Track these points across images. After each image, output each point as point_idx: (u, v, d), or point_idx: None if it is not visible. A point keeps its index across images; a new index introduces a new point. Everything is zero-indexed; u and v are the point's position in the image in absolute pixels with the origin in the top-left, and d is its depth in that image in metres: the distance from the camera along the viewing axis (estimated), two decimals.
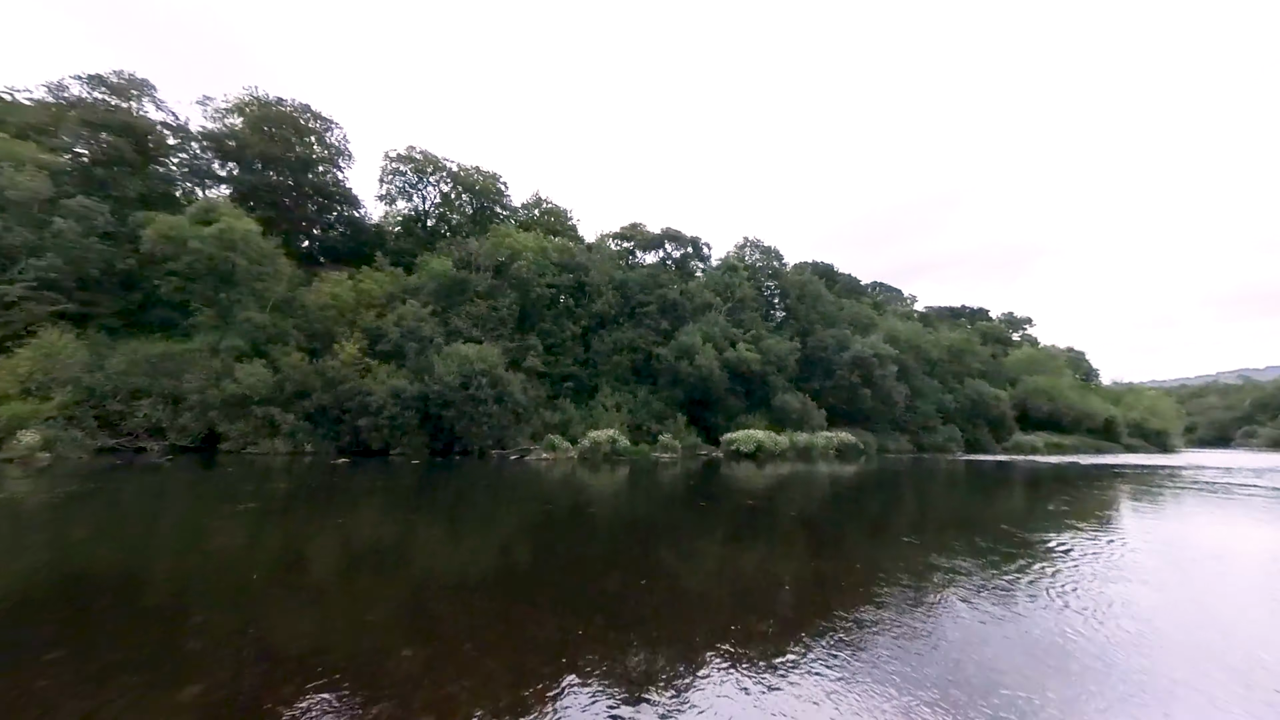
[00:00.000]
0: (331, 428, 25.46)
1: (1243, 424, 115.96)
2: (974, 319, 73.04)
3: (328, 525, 7.71)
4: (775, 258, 52.30)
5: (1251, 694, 2.37)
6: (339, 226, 41.34)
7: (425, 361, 27.99)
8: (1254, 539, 7.73)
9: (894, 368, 43.08)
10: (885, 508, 9.61)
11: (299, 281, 31.91)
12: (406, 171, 43.81)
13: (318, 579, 4.86)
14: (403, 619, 3.64)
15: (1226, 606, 4.08)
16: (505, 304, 32.98)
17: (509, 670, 2.85)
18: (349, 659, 2.91)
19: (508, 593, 4.41)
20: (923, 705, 2.40)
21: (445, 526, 7.51)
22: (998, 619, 3.41)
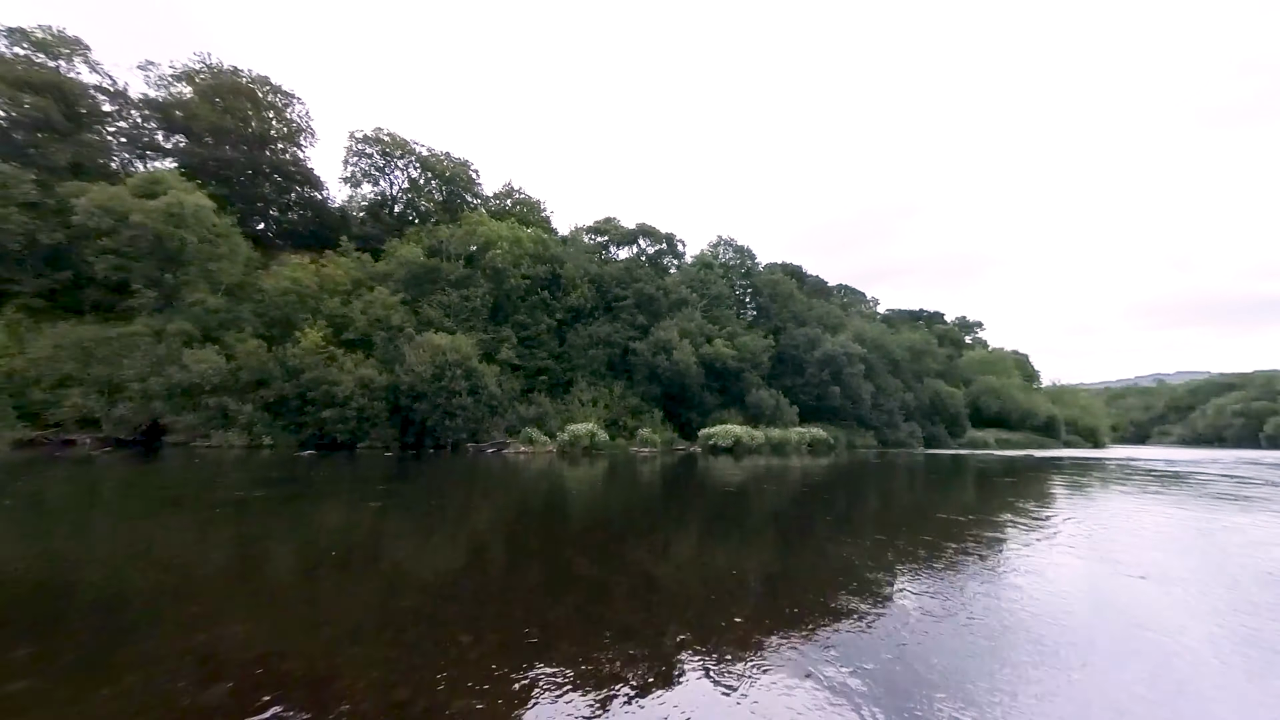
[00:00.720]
0: (293, 419, 23.96)
1: (1158, 423, 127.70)
2: (931, 322, 76.64)
3: (292, 521, 6.98)
4: (748, 257, 53.16)
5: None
6: (299, 208, 39.03)
7: (395, 351, 26.81)
8: (1177, 519, 8.36)
9: (861, 366, 44.62)
10: (859, 499, 9.86)
11: (255, 264, 29.90)
12: (373, 154, 41.80)
13: (274, 580, 4.31)
14: (365, 620, 3.30)
15: (1148, 587, 4.36)
16: (479, 294, 32.01)
17: (475, 670, 2.66)
18: (303, 664, 2.63)
19: (481, 589, 4.09)
20: (886, 685, 2.42)
21: (421, 520, 6.92)
22: (949, 611, 3.48)
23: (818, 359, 43.50)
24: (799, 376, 43.26)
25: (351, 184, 41.60)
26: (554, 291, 36.90)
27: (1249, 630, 3.41)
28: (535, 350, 33.46)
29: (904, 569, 4.52)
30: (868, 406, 45.53)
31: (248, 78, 36.47)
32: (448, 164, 45.77)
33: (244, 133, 36.00)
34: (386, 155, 42.53)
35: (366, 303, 28.74)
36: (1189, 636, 3.26)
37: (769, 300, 49.64)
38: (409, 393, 24.64)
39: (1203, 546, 6.14)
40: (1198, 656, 3.01)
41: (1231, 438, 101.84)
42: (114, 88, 32.61)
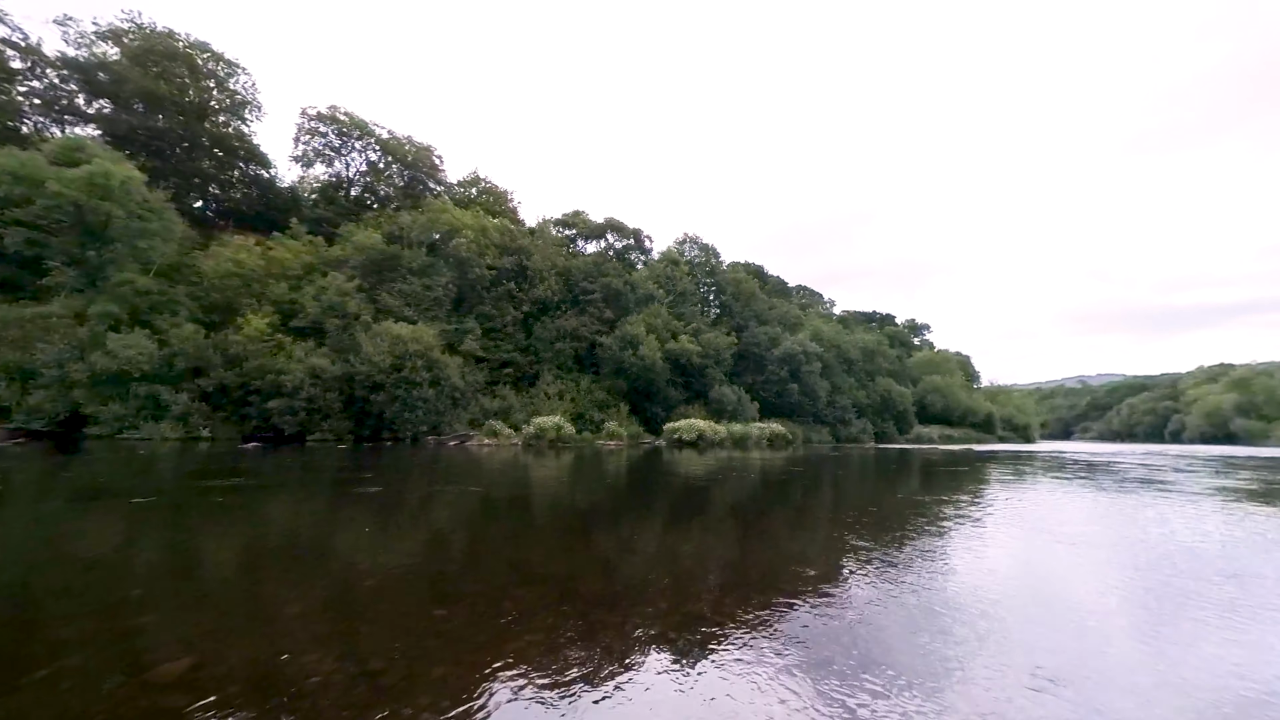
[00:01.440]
0: (235, 410, 22.51)
1: (1080, 420, 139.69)
2: (883, 324, 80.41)
3: (237, 515, 6.33)
4: (713, 255, 53.98)
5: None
6: (243, 186, 36.49)
7: (350, 340, 25.63)
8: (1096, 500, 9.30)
9: (818, 365, 46.31)
10: (816, 491, 10.34)
11: (192, 244, 27.80)
12: (328, 133, 39.65)
13: (212, 583, 3.88)
14: (312, 622, 3.05)
15: (1064, 569, 4.87)
16: (442, 283, 31.03)
17: (435, 660, 2.57)
18: (242, 671, 2.42)
19: (439, 584, 3.90)
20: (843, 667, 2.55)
21: (381, 514, 6.51)
22: (897, 592, 3.69)
23: (778, 357, 44.82)
24: (760, 374, 44.43)
25: (303, 164, 39.34)
26: (520, 283, 36.25)
27: (1154, 585, 3.85)
28: (501, 342, 32.80)
29: (855, 555, 4.70)
30: (824, 403, 47.35)
31: (185, 42, 33.72)
32: (410, 148, 44.03)
33: (180, 101, 33.28)
34: (343, 136, 40.45)
35: (319, 289, 27.29)
36: (1105, 591, 3.67)
37: (732, 299, 50.63)
38: (365, 383, 23.62)
39: (1118, 521, 6.83)
40: (1112, 610, 3.38)
41: (1141, 433, 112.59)
42: (25, 43, 29.40)
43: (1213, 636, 2.92)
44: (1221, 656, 2.63)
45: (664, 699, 2.29)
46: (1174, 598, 3.57)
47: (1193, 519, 7.01)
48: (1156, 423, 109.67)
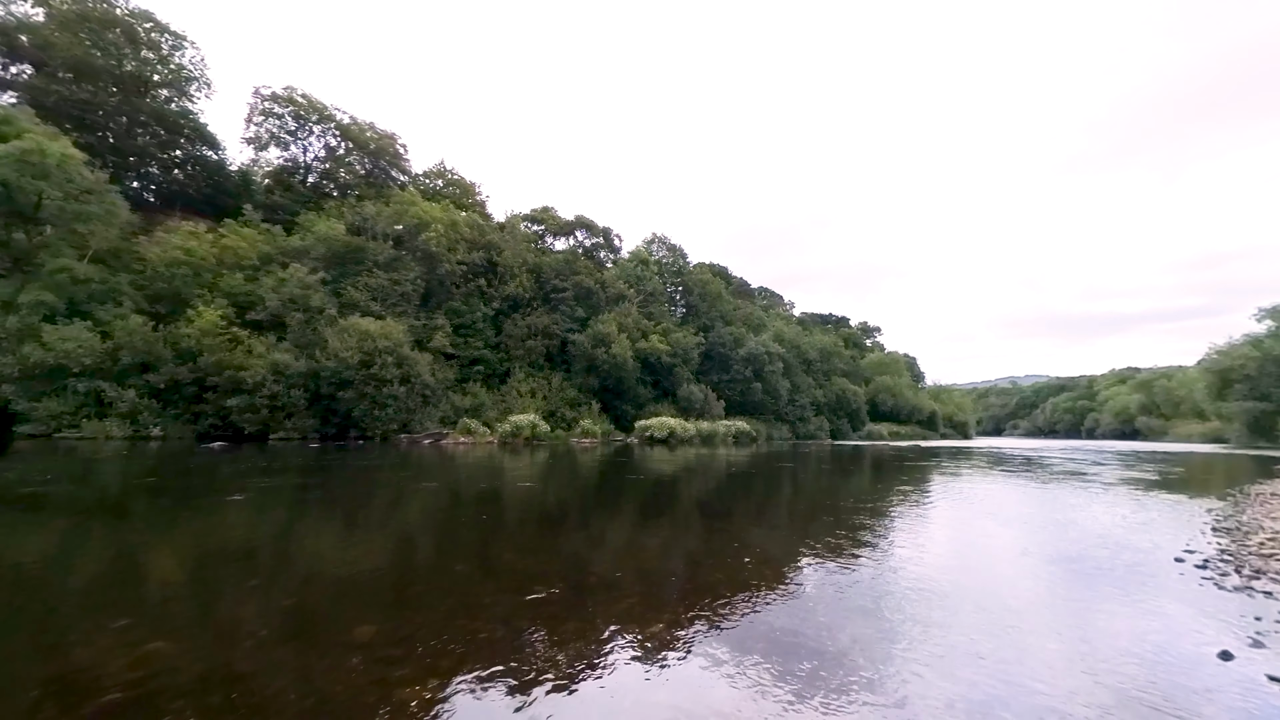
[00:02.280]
0: (187, 407, 21.33)
1: (1010, 418, 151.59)
2: (839, 326, 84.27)
3: (195, 523, 5.66)
4: (680, 256, 55.03)
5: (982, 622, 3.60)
6: (188, 167, 34.12)
7: (314, 335, 24.73)
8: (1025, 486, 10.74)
9: (780, 365, 48.27)
10: (779, 486, 11.17)
11: (133, 229, 25.91)
12: (284, 115, 37.61)
13: (157, 591, 3.59)
14: (269, 629, 2.88)
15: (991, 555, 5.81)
16: (410, 278, 30.31)
17: (397, 656, 2.50)
18: (189, 685, 2.25)
19: (406, 585, 3.74)
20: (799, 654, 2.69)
21: (356, 514, 6.31)
22: (848, 582, 3.93)
23: (742, 357, 46.39)
24: (725, 373, 45.83)
25: (256, 146, 37.17)
26: (490, 279, 35.87)
27: (1075, 557, 4.79)
28: (470, 339, 32.40)
29: (810, 547, 5.07)
30: (785, 402, 49.43)
31: (123, 9, 31.16)
32: (372, 135, 42.43)
33: (116, 73, 30.75)
34: (300, 119, 38.48)
35: (279, 280, 26.10)
36: (1037, 568, 4.56)
37: (699, 299, 51.84)
38: (332, 380, 22.91)
39: (1050, 506, 8.03)
40: (1041, 585, 4.25)
41: (1062, 430, 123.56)
42: None
43: (1118, 603, 3.81)
44: (1127, 620, 3.50)
45: (630, 690, 2.28)
46: (1088, 570, 4.51)
47: (1110, 504, 8.32)
48: (1075, 420, 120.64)
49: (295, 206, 34.86)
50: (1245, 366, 43.75)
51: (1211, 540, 5.59)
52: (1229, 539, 5.62)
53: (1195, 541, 5.51)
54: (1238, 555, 4.87)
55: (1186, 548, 5.23)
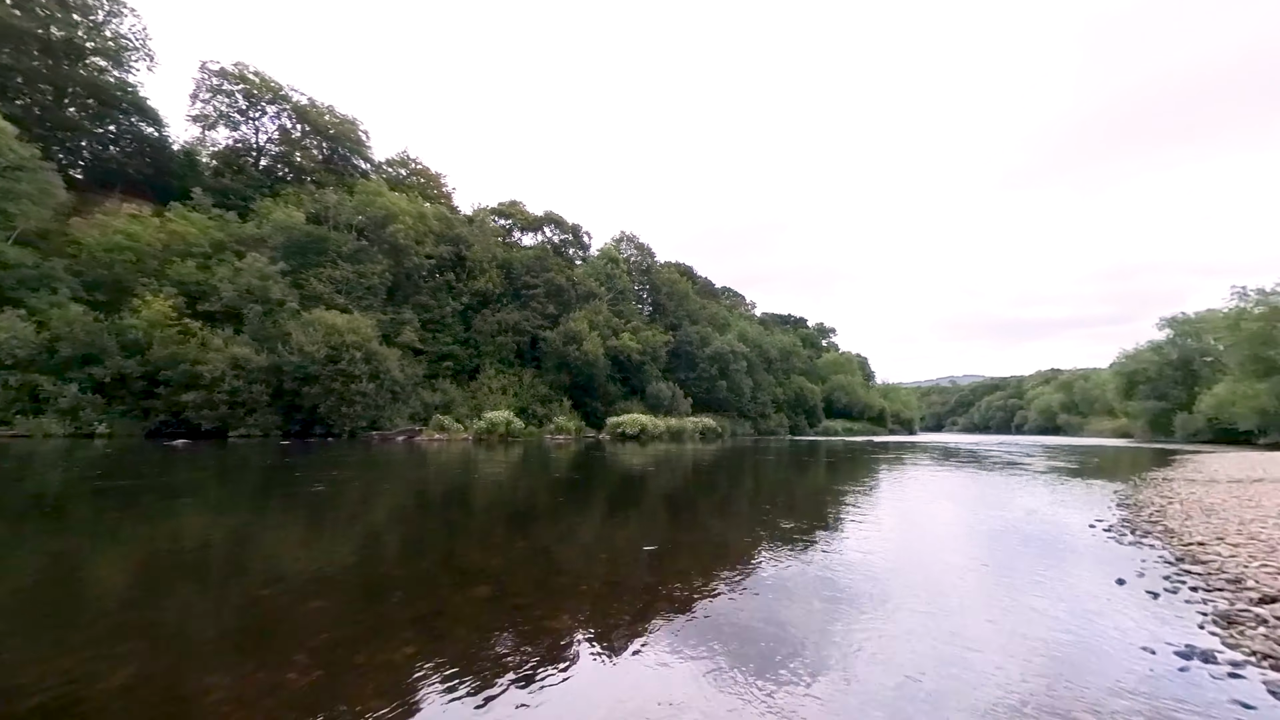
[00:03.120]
0: (136, 403, 20.10)
1: (950, 415, 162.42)
2: (797, 327, 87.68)
3: (163, 531, 5.18)
4: (648, 255, 55.80)
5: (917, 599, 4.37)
6: (126, 143, 31.61)
7: (275, 328, 23.77)
8: (965, 474, 12.20)
9: (744, 364, 50.02)
10: (744, 479, 11.98)
11: (65, 210, 23.95)
12: (234, 93, 35.44)
13: (116, 594, 3.41)
14: (223, 635, 2.74)
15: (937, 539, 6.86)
16: (377, 271, 29.48)
17: (357, 656, 2.44)
18: (113, 699, 2.09)
19: (375, 585, 3.59)
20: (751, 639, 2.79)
21: (335, 514, 6.15)
22: (802, 571, 4.08)
23: (708, 355, 47.78)
24: (691, 371, 47.06)
25: (203, 125, 34.85)
26: (459, 274, 35.32)
27: (1006, 527, 5.82)
28: (439, 334, 31.87)
29: (770, 535, 5.35)
30: (748, 399, 51.29)
31: None
32: (331, 119, 40.60)
33: (41, 38, 28.09)
34: (252, 98, 36.36)
35: (235, 270, 24.83)
36: (973, 533, 5.53)
37: (666, 298, 52.81)
38: (296, 376, 22.15)
39: (990, 490, 9.27)
40: (979, 560, 5.21)
41: (994, 426, 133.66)
42: None
43: (1046, 556, 4.78)
44: (1053, 567, 4.45)
45: (594, 684, 2.28)
46: (1023, 534, 5.52)
47: (1038, 488, 9.68)
48: (1006, 417, 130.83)
49: (248, 191, 33.04)
50: (1148, 370, 49.24)
51: (1115, 513, 6.84)
52: (1128, 512, 6.89)
53: (1103, 514, 6.73)
54: (1133, 522, 6.07)
55: (1097, 518, 6.43)
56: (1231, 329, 36.75)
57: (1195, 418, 40.03)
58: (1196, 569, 4.08)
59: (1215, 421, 37.21)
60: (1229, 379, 36.60)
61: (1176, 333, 48.07)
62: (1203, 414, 38.51)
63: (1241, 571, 3.83)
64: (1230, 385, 35.75)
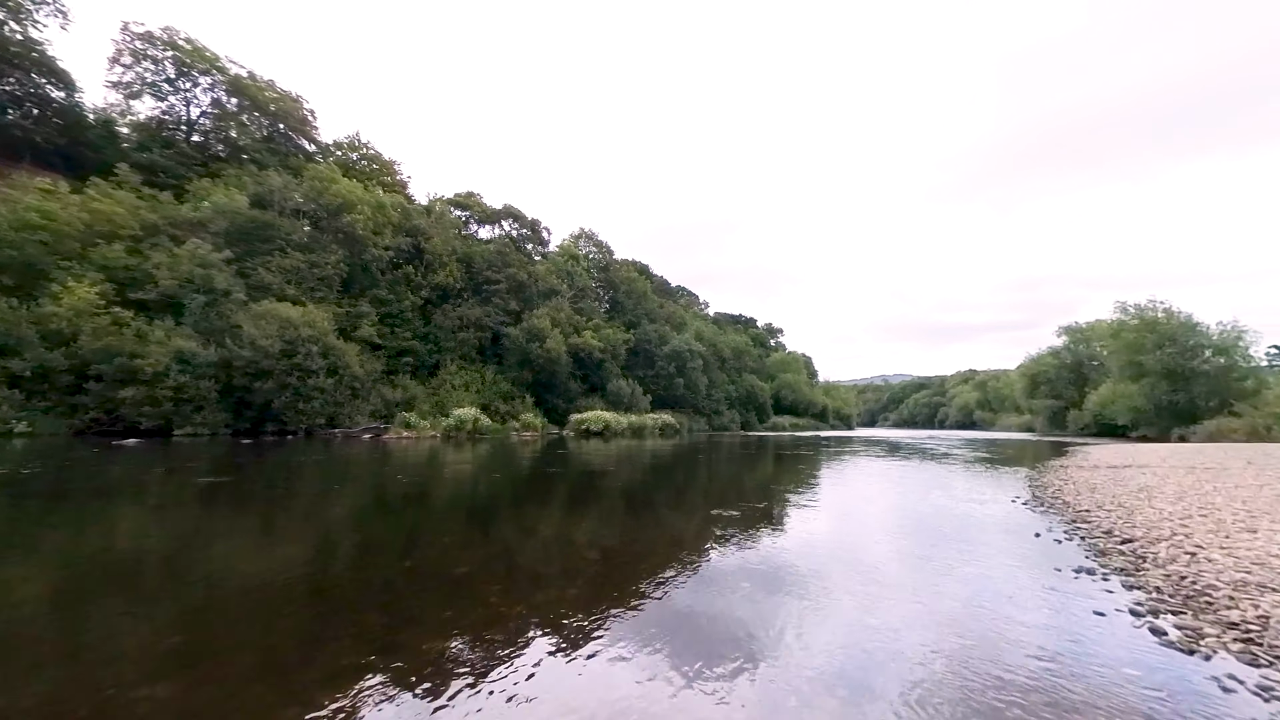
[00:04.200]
0: (61, 399, 18.37)
1: (882, 411, 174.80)
2: (748, 326, 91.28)
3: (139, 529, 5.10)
4: (607, 252, 56.34)
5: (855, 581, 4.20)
6: (30, 106, 28.19)
7: (220, 320, 22.35)
8: (896, 464, 14.04)
9: (700, 362, 51.81)
10: (701, 473, 12.89)
11: None
12: (162, 60, 32.38)
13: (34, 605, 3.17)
14: (158, 646, 2.57)
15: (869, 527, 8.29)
16: (331, 261, 28.19)
17: (289, 686, 2.26)
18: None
19: (332, 585, 3.54)
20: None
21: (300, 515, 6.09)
22: (751, 561, 4.28)
23: (666, 354, 49.12)
24: (650, 368, 48.20)
25: (127, 93, 31.63)
26: (418, 267, 34.32)
27: (942, 503, 7.18)
28: (398, 329, 30.95)
29: (722, 531, 5.49)
30: (703, 396, 53.19)
31: None
32: (272, 95, 37.94)
33: None
34: (183, 67, 33.35)
35: (172, 256, 23.03)
36: (915, 509, 6.83)
37: (625, 296, 53.63)
38: (248, 371, 21.01)
39: (920, 473, 10.87)
40: (905, 531, 6.50)
41: (920, 421, 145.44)
42: None
43: (983, 519, 6.09)
44: (991, 526, 5.74)
45: (544, 681, 2.27)
46: (961, 506, 6.87)
47: (966, 474, 11.42)
48: (930, 413, 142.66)
49: (179, 169, 30.46)
50: (1048, 372, 55.84)
51: (1029, 491, 8.52)
52: (1037, 490, 8.59)
53: (1020, 493, 8.37)
54: (1041, 498, 7.71)
55: (1016, 495, 8.05)
56: (1113, 337, 42.63)
57: (1084, 414, 46.06)
58: (1084, 526, 5.56)
59: (1100, 417, 43.03)
60: (1110, 381, 42.47)
61: (1071, 340, 54.84)
62: (1090, 411, 44.40)
63: (1111, 526, 5.34)
64: (1111, 386, 41.50)
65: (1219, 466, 10.86)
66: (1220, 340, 36.19)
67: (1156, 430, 35.66)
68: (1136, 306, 40.97)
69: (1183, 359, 36.01)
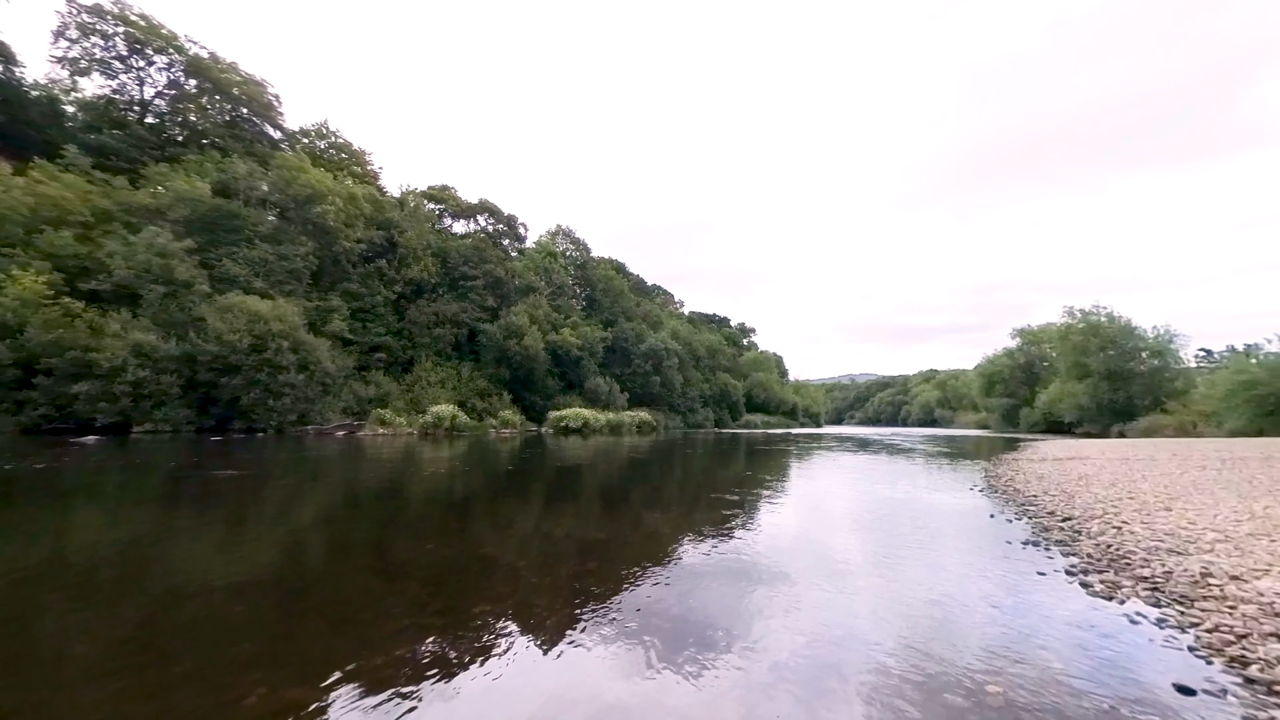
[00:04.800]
0: (7, 394, 17.33)
1: (849, 409, 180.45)
2: (721, 326, 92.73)
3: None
4: (585, 250, 56.27)
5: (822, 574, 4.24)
6: None
7: (181, 313, 21.47)
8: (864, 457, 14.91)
9: (676, 360, 52.48)
10: (676, 469, 13.13)
11: None
12: (113, 36, 30.57)
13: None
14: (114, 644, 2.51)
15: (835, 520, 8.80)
16: (300, 253, 27.35)
17: (261, 685, 2.17)
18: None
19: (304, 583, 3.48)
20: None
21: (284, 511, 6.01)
22: (724, 555, 4.25)
23: (643, 352, 49.55)
24: (627, 366, 48.56)
25: (72, 69, 29.74)
26: (390, 261, 33.60)
27: (907, 493, 7.83)
28: (370, 324, 30.27)
29: (695, 526, 5.50)
30: (678, 394, 53.91)
31: None
32: (235, 77, 36.29)
33: None
34: (135, 44, 31.56)
35: (128, 245, 21.92)
36: (884, 496, 7.45)
37: (602, 294, 53.75)
38: (214, 366, 20.26)
39: (887, 465, 11.63)
40: (871, 520, 7.10)
41: (884, 419, 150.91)
42: None
43: (946, 507, 6.71)
44: (952, 513, 6.35)
45: (517, 679, 2.24)
46: (927, 493, 7.51)
47: (929, 467, 12.25)
48: (894, 411, 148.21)
49: (132, 152, 28.89)
50: (1002, 372, 59.05)
51: (985, 481, 9.32)
52: (992, 480, 9.39)
53: (978, 482, 9.15)
54: (996, 486, 8.48)
55: (974, 484, 8.82)
56: (1062, 340, 45.53)
57: (1034, 412, 48.98)
58: (1032, 508, 6.27)
59: (1048, 415, 45.88)
60: (1059, 381, 45.34)
61: (1024, 341, 58.15)
62: (1039, 409, 47.27)
63: (1054, 508, 6.05)
64: (1059, 386, 44.33)
65: (1149, 458, 12.01)
66: (1155, 344, 39.17)
67: (1099, 426, 38.33)
68: (1083, 311, 43.86)
69: (1122, 361, 38.83)
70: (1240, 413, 26.66)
